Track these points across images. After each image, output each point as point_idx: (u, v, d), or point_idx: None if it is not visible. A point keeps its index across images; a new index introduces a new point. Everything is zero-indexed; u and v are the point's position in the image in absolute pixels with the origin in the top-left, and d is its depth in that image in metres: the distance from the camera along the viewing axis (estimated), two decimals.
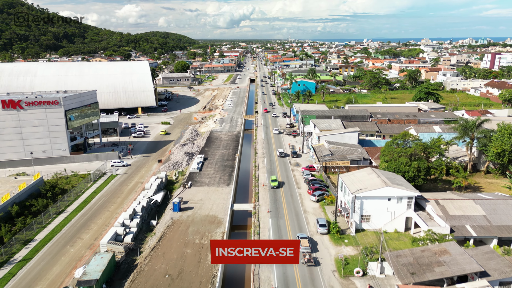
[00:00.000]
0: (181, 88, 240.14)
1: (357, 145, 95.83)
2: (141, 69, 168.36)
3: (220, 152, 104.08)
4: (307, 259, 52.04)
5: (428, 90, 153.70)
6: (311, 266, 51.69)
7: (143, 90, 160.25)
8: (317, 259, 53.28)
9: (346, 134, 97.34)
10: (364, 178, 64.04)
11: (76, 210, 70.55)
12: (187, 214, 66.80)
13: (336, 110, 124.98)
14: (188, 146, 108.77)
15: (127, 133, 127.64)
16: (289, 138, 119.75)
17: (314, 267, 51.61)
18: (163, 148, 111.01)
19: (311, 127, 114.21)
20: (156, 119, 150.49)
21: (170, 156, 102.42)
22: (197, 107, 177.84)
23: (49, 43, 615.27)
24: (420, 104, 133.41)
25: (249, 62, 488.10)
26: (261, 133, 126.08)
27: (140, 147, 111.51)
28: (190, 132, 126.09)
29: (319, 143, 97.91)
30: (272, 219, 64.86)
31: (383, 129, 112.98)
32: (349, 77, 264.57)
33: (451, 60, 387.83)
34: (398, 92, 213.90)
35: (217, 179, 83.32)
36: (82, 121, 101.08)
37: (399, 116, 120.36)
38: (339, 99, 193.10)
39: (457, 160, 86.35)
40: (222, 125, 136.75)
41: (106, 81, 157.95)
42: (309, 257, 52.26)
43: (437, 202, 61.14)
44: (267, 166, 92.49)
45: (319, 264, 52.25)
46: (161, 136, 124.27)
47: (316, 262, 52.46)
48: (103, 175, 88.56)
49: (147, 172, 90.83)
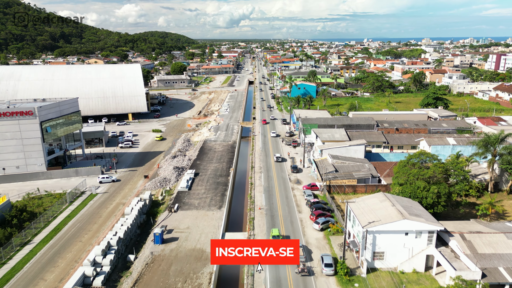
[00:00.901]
0: (176, 91, 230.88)
1: (363, 160, 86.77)
2: (132, 73, 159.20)
3: (213, 166, 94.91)
4: (301, 269, 50.47)
5: (437, 95, 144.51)
6: (305, 276, 50.15)
7: (133, 95, 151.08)
8: (311, 268, 51.60)
9: (352, 147, 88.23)
10: (376, 206, 54.93)
11: (44, 240, 61.39)
12: (171, 247, 57.66)
13: (339, 118, 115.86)
14: (179, 158, 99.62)
15: (114, 142, 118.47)
16: (288, 148, 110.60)
17: (308, 277, 50.06)
18: (152, 161, 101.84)
19: (313, 137, 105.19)
20: (147, 126, 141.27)
21: (158, 170, 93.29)
22: (192, 112, 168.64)
23: (46, 43, 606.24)
24: (430, 111, 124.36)
25: (248, 63, 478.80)
26: (259, 142, 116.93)
27: (126, 159, 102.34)
28: (182, 141, 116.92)
29: (322, 157, 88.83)
30: None
31: (390, 140, 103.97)
32: (351, 80, 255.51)
33: (455, 61, 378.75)
34: (403, 96, 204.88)
35: (207, 200, 74.17)
36: (61, 133, 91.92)
37: (407, 125, 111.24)
38: (341, 103, 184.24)
39: (477, 179, 77.30)
40: (217, 134, 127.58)
41: (95, 86, 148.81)
42: (303, 266, 50.68)
43: (463, 236, 52.05)
44: (264, 183, 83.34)
45: (313, 273, 50.88)
46: (150, 146, 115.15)
47: (310, 271, 50.91)
48: (81, 194, 79.39)
49: (131, 190, 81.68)
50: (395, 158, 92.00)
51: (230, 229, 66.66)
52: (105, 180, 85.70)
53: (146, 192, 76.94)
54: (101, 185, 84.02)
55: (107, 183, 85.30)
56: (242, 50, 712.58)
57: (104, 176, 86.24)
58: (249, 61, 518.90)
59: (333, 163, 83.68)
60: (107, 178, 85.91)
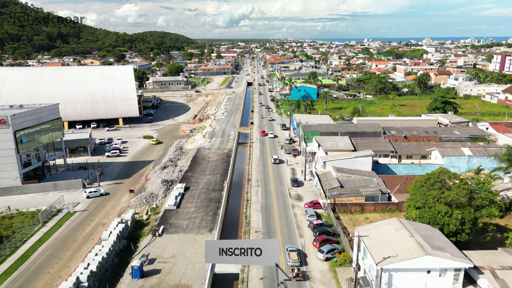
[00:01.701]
0: (172, 93, 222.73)
1: (371, 173, 78.72)
2: (124, 75, 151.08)
3: (205, 178, 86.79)
4: (296, 273, 49.52)
5: (446, 99, 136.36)
6: (300, 281, 48.79)
7: (125, 99, 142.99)
8: (306, 273, 50.49)
9: (358, 158, 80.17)
10: (391, 236, 46.88)
11: (7, 272, 53.28)
12: (151, 282, 49.55)
13: (343, 125, 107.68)
14: (169, 169, 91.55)
15: (102, 150, 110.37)
16: (288, 157, 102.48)
17: (303, 281, 48.76)
18: (140, 172, 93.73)
19: (315, 145, 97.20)
20: (138, 131, 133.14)
21: (146, 183, 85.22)
22: (187, 116, 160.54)
23: (43, 43, 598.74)
24: (439, 117, 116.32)
25: (247, 63, 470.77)
26: (256, 150, 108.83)
27: (112, 170, 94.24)
28: (174, 149, 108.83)
29: (325, 170, 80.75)
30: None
31: (399, 149, 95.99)
32: (353, 81, 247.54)
33: (458, 61, 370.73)
34: (407, 98, 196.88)
35: (197, 221, 66.09)
36: (39, 142, 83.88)
37: (416, 132, 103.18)
38: (343, 106, 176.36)
39: (498, 196, 69.23)
40: (212, 140, 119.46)
41: (84, 89, 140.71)
42: (298, 271, 49.80)
43: (494, 274, 44.04)
44: (261, 199, 75.27)
45: (308, 278, 49.71)
46: (140, 154, 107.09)
47: (305, 276, 49.86)
48: (57, 213, 71.30)
49: (113, 207, 73.60)
50: (405, 170, 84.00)
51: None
52: (93, 194, 78.00)
53: (130, 210, 68.89)
54: (81, 202, 75.85)
55: (96, 197, 77.67)
56: (241, 50, 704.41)
57: (91, 190, 78.40)
58: (248, 61, 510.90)
59: (337, 177, 75.63)
60: (95, 192, 78.18)
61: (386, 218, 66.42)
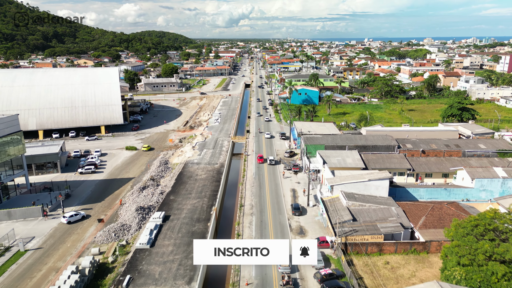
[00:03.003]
0: (164, 96, 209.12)
1: (388, 199, 65.35)
2: (108, 78, 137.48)
3: (190, 203, 73.32)
4: (286, 281, 47.17)
5: (463, 105, 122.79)
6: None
7: (108, 104, 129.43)
8: (297, 280, 47.63)
9: (372, 182, 66.73)
10: None
11: None
12: None
13: (351, 137, 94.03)
14: (149, 191, 78.17)
15: (76, 165, 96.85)
16: (288, 175, 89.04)
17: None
18: (116, 193, 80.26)
19: (319, 161, 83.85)
20: (121, 141, 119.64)
21: (119, 209, 71.85)
22: (178, 122, 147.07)
23: (37, 43, 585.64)
24: (459, 126, 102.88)
25: (245, 64, 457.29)
26: (252, 166, 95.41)
27: (83, 191, 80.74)
28: (158, 164, 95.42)
29: (333, 195, 67.39)
30: None
31: (417, 166, 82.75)
32: (356, 83, 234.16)
33: (464, 62, 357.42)
34: (416, 102, 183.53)
35: (174, 267, 52.63)
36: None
37: (436, 145, 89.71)
38: (347, 111, 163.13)
39: None
40: (202, 153, 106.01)
41: (62, 93, 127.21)
42: (288, 278, 47.45)
43: None
44: (255, 233, 61.89)
45: (299, 286, 47.18)
46: (119, 170, 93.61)
47: (295, 284, 47.28)
48: (4, 252, 57.86)
49: (74, 244, 60.14)
50: (427, 194, 70.61)
51: None
52: (75, 218, 67.12)
53: (91, 251, 55.61)
54: (37, 237, 62.40)
55: (77, 221, 66.76)
56: (240, 50, 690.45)
57: (71, 213, 67.35)
58: (247, 61, 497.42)
59: (348, 206, 62.25)
60: (76, 216, 67.45)
61: (410, 262, 53.31)
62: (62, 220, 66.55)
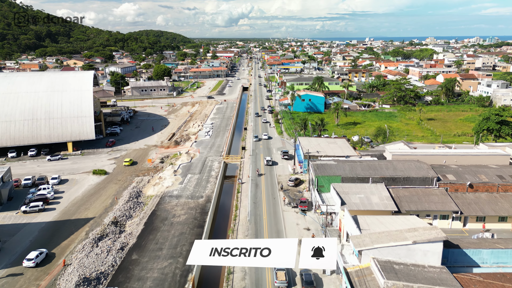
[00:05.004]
0: (152, 101, 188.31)
1: (442, 272, 44.76)
2: (80, 84, 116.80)
3: (158, 267, 52.64)
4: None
5: (502, 118, 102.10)
6: None
7: (77, 116, 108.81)
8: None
9: (419, 246, 46.06)
10: None
11: None
12: None
13: (374, 164, 72.32)
14: (104, 244, 57.59)
15: (23, 197, 76.27)
16: (294, 215, 68.44)
17: None
18: (62, 245, 59.57)
19: (334, 199, 63.38)
20: (90, 161, 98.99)
21: (59, 277, 51.27)
22: (162, 135, 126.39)
23: (29, 43, 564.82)
24: (507, 148, 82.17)
25: (244, 64, 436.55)
26: (246, 201, 74.74)
27: (19, 243, 60.09)
28: (128, 198, 74.79)
29: (361, 264, 46.80)
30: None
31: (464, 206, 62.55)
32: (364, 87, 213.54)
33: (476, 63, 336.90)
34: (434, 110, 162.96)
35: None
36: None
37: (485, 176, 69.00)
38: (358, 120, 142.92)
39: None
40: (185, 180, 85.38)
41: (22, 103, 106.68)
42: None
43: None
44: None
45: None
46: (77, 206, 72.96)
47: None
48: None
49: None
50: (492, 258, 49.84)
51: None
52: (39, 258, 51.45)
53: None
54: None
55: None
56: (239, 49, 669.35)
57: (36, 253, 46.12)
58: (246, 62, 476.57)
59: (386, 286, 41.70)
60: (41, 255, 50.74)
61: None
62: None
